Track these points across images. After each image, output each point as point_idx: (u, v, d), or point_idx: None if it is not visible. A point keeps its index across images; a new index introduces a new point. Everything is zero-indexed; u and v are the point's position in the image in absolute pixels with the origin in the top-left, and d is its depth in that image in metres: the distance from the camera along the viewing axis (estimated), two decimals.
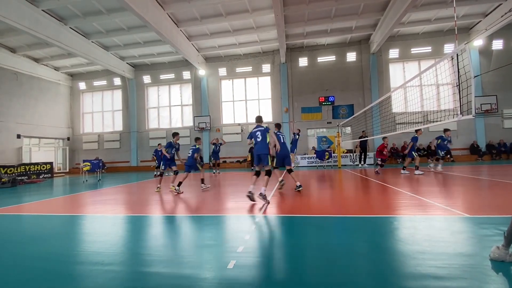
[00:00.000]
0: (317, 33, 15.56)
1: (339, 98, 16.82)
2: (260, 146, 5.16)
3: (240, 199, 5.47)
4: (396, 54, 16.40)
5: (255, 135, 5.27)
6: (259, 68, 17.94)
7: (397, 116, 14.86)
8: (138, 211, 5.01)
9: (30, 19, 11.38)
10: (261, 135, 5.22)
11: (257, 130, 5.29)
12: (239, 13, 13.22)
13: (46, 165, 14.97)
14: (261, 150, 5.13)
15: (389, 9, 12.87)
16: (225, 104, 18.71)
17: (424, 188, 6.25)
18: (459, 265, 2.17)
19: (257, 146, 5.21)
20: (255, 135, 5.27)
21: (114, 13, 12.64)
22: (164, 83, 19.37)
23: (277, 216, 4.11)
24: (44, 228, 4.06)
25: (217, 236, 3.23)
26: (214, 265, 2.36)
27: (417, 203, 4.61)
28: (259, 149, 5.15)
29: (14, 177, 11.57)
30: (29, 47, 15.60)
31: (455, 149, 15.38)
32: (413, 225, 3.39)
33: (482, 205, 4.38)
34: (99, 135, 20.09)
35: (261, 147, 5.15)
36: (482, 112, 14.93)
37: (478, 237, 2.84)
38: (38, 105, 17.84)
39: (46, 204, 6.12)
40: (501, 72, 14.33)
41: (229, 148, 17.20)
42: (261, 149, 5.13)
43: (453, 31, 15.35)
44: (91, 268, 2.40)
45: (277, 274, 2.17)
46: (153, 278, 2.16)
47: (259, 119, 5.55)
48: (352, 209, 4.47)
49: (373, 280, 2.02)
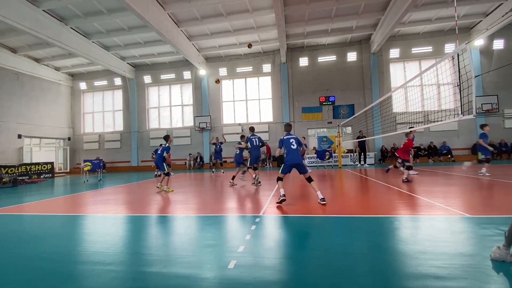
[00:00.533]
0: (317, 33, 15.56)
1: (339, 98, 16.82)
2: (296, 154, 5.04)
3: (240, 199, 5.47)
4: (397, 54, 16.38)
5: (288, 142, 5.07)
6: (260, 68, 17.95)
7: (398, 116, 14.86)
8: (138, 211, 5.01)
9: (31, 19, 11.40)
10: (296, 143, 5.08)
11: (291, 137, 5.13)
12: (240, 13, 13.23)
13: (47, 165, 15.00)
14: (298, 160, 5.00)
15: (390, 9, 12.86)
16: (226, 104, 18.72)
17: (424, 188, 6.24)
18: (459, 265, 2.17)
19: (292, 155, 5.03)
20: (288, 142, 5.07)
21: (114, 13, 12.66)
22: (165, 83, 19.39)
23: (277, 216, 4.11)
24: (45, 228, 4.07)
25: (217, 236, 3.23)
26: (214, 265, 2.36)
27: (418, 203, 4.61)
28: (295, 159, 4.99)
29: (15, 177, 11.59)
30: (30, 47, 15.63)
31: (456, 149, 15.37)
32: (413, 225, 3.39)
33: (483, 205, 4.37)
34: (99, 135, 20.12)
35: (297, 155, 5.05)
36: (483, 112, 14.91)
37: (478, 237, 2.83)
38: (39, 105, 17.87)
39: (47, 204, 6.13)
40: (502, 72, 14.31)
41: (230, 148, 17.19)
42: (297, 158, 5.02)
43: (454, 30, 15.37)
44: (92, 268, 2.41)
45: (277, 274, 2.17)
46: (153, 277, 2.17)
47: (289, 127, 5.43)
48: (353, 209, 4.47)
49: (374, 280, 2.01)
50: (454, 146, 15.43)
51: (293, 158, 4.94)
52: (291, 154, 4.98)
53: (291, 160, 4.93)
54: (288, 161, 4.96)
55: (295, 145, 5.02)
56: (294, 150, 5.00)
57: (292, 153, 4.98)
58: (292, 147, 5.00)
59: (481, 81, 15.05)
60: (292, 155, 4.96)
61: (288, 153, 5.05)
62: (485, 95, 15.01)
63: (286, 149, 5.08)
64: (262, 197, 5.74)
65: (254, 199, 5.64)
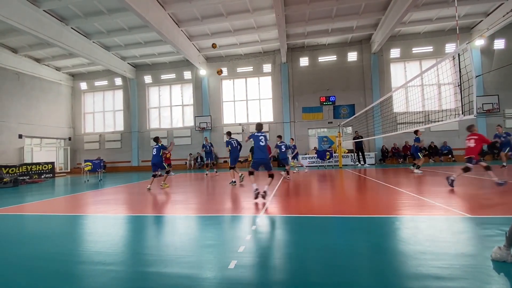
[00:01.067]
0: (318, 33, 15.55)
1: (340, 98, 16.81)
2: (264, 151, 5.33)
3: (240, 199, 5.47)
4: (397, 53, 16.36)
5: (258, 138, 5.35)
6: (260, 68, 17.94)
7: (398, 116, 14.84)
8: (139, 211, 5.02)
9: (31, 19, 11.42)
10: (265, 140, 5.35)
11: (261, 135, 5.38)
12: (240, 13, 13.22)
13: (48, 165, 15.01)
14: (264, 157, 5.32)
15: (390, 9, 12.85)
16: (226, 104, 18.72)
17: (425, 188, 6.24)
18: (460, 265, 2.16)
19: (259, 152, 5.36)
20: (258, 137, 5.36)
21: (115, 13, 12.66)
22: (165, 83, 19.39)
23: (278, 216, 4.11)
24: (46, 228, 4.07)
25: (218, 236, 3.23)
26: (215, 265, 2.36)
27: (418, 203, 4.60)
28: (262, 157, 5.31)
29: (16, 177, 11.61)
30: (30, 47, 15.65)
31: (456, 149, 15.34)
32: (414, 225, 3.39)
33: (484, 205, 4.36)
34: (100, 135, 20.14)
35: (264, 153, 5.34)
36: (484, 112, 14.88)
37: (479, 237, 2.83)
38: (40, 105, 17.89)
39: (47, 204, 6.14)
40: (503, 72, 14.29)
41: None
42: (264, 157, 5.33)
43: (455, 30, 15.34)
44: (93, 267, 2.41)
45: (278, 274, 2.17)
46: (154, 277, 2.17)
47: (259, 127, 5.64)
48: (353, 209, 4.46)
49: (375, 280, 2.01)
50: (455, 146, 15.40)
51: (259, 156, 5.25)
52: (259, 151, 5.29)
53: (258, 158, 5.27)
54: (255, 158, 5.33)
55: (264, 142, 5.30)
56: (262, 147, 5.25)
57: (260, 150, 5.26)
58: (261, 143, 5.27)
59: (482, 81, 15.01)
60: (259, 153, 5.26)
61: (256, 149, 5.36)
62: (486, 95, 14.98)
63: (255, 145, 5.36)
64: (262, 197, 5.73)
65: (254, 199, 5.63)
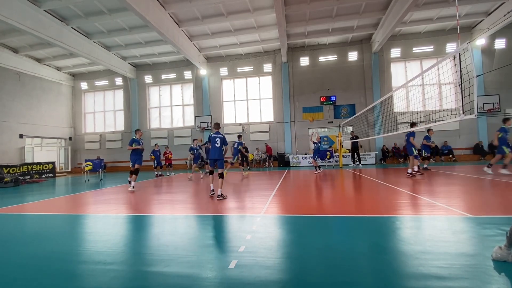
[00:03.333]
0: (318, 32, 15.54)
1: (340, 98, 16.80)
2: (217, 151, 5.83)
3: (240, 199, 5.47)
4: (398, 53, 16.34)
5: (214, 140, 5.80)
6: (260, 68, 17.94)
7: (399, 116, 14.83)
8: (139, 210, 5.02)
9: (32, 19, 11.43)
10: (220, 142, 5.82)
11: (217, 136, 5.84)
12: (240, 12, 13.23)
13: (48, 164, 15.05)
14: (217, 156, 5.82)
15: (391, 8, 12.83)
16: (226, 104, 18.72)
17: (425, 187, 6.23)
18: (461, 265, 2.16)
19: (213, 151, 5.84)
20: (214, 140, 5.80)
21: (115, 13, 12.68)
22: (166, 83, 19.41)
23: (278, 215, 4.11)
24: (47, 228, 4.08)
25: (218, 236, 3.23)
26: (215, 265, 2.36)
27: (419, 203, 4.59)
28: (215, 155, 5.81)
29: (16, 177, 11.64)
30: (31, 47, 15.68)
31: (457, 149, 15.33)
32: (415, 225, 3.38)
33: (484, 205, 4.36)
34: (100, 135, 20.17)
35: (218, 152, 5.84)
36: (485, 112, 14.85)
37: (480, 237, 2.83)
38: (40, 105, 17.93)
39: (48, 204, 6.14)
40: (504, 71, 14.26)
41: None
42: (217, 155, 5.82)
43: (455, 30, 15.32)
44: (93, 267, 2.41)
45: (278, 274, 2.17)
46: (154, 277, 2.17)
47: (217, 126, 6.13)
48: (354, 209, 4.46)
49: (375, 280, 2.01)
50: (455, 146, 15.39)
51: (213, 154, 5.82)
52: (212, 150, 5.82)
53: (212, 156, 5.83)
54: (210, 156, 5.88)
55: (219, 144, 5.81)
56: (217, 148, 5.79)
57: (214, 149, 5.81)
58: (216, 145, 5.79)
59: (483, 81, 14.99)
60: (214, 152, 5.81)
61: (211, 149, 5.88)
62: (486, 95, 14.95)
63: (211, 145, 5.88)
64: (263, 197, 5.74)
65: (254, 199, 5.64)
